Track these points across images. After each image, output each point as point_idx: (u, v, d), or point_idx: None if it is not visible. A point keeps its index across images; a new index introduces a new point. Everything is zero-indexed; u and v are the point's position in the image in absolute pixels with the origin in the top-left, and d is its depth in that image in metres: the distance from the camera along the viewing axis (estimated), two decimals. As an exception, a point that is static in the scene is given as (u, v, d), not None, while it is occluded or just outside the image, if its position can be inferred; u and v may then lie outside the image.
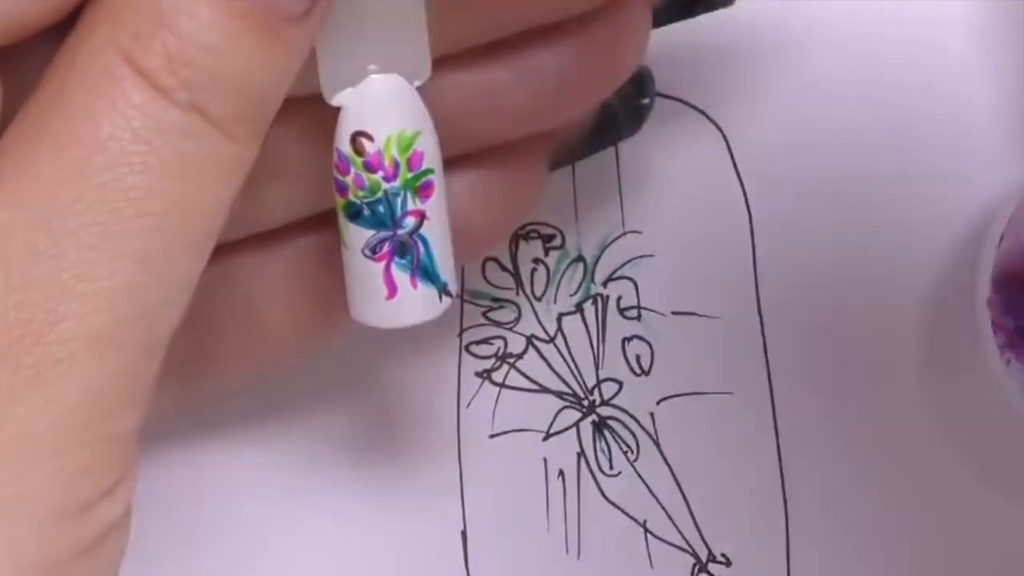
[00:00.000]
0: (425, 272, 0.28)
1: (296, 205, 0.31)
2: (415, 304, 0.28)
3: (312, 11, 0.26)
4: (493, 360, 0.38)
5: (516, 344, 0.38)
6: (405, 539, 0.37)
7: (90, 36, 0.25)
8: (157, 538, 0.36)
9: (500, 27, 0.30)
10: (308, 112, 0.28)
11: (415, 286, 0.28)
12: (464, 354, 0.38)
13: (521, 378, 0.38)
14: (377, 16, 0.28)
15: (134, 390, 0.25)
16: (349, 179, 0.28)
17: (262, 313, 0.32)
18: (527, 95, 0.31)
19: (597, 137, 0.35)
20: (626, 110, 0.35)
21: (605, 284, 0.38)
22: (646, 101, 0.35)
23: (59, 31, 0.26)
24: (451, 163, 0.30)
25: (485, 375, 0.38)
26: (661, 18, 0.33)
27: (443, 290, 0.29)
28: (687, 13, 0.35)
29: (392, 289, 0.28)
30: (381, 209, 0.28)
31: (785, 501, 0.37)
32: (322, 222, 0.31)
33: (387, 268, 0.28)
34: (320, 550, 0.37)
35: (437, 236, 0.28)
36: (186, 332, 0.31)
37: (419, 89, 0.28)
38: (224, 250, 0.31)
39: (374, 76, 0.28)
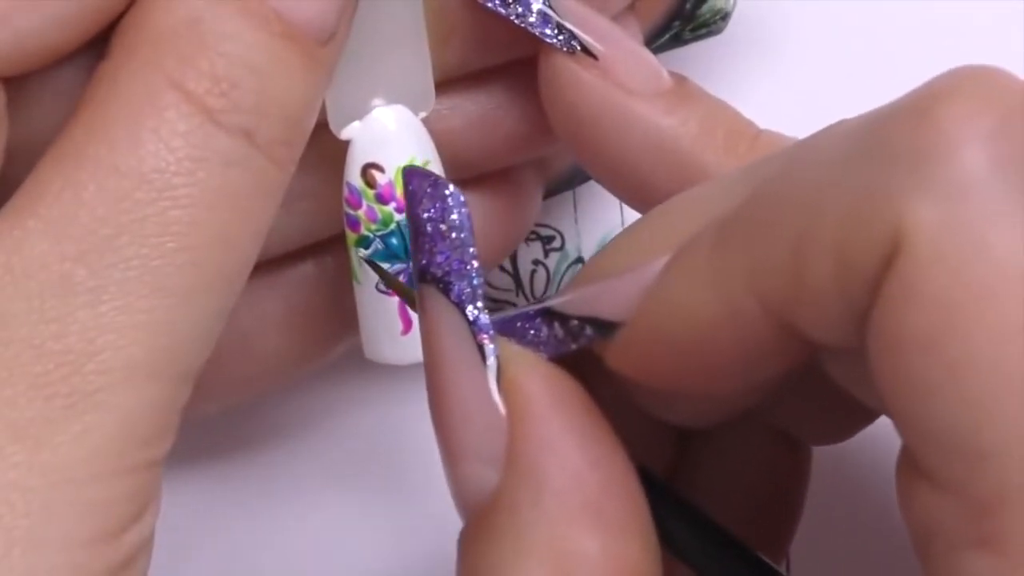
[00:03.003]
0: None
1: (295, 234, 0.31)
2: None
3: (338, 34, 0.26)
4: (493, 361, 0.38)
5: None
6: (404, 539, 0.37)
7: (129, 60, 0.25)
8: (161, 539, 0.36)
9: (493, 56, 0.30)
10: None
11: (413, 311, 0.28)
12: (464, 355, 0.38)
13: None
14: (381, 49, 0.28)
15: (167, 419, 0.26)
16: (361, 212, 0.28)
17: (257, 342, 0.32)
18: (521, 119, 0.30)
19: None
20: None
21: (605, 285, 0.38)
22: None
23: (74, 62, 0.26)
24: None
25: (485, 376, 0.38)
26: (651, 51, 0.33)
27: None
28: (677, 42, 0.35)
29: (407, 324, 0.28)
30: (395, 241, 0.28)
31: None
32: (319, 250, 0.31)
33: (402, 302, 0.28)
34: (319, 550, 0.37)
35: None
36: None
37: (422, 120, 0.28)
38: None
39: (381, 108, 0.28)
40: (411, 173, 0.24)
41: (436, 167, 0.28)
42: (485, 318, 0.24)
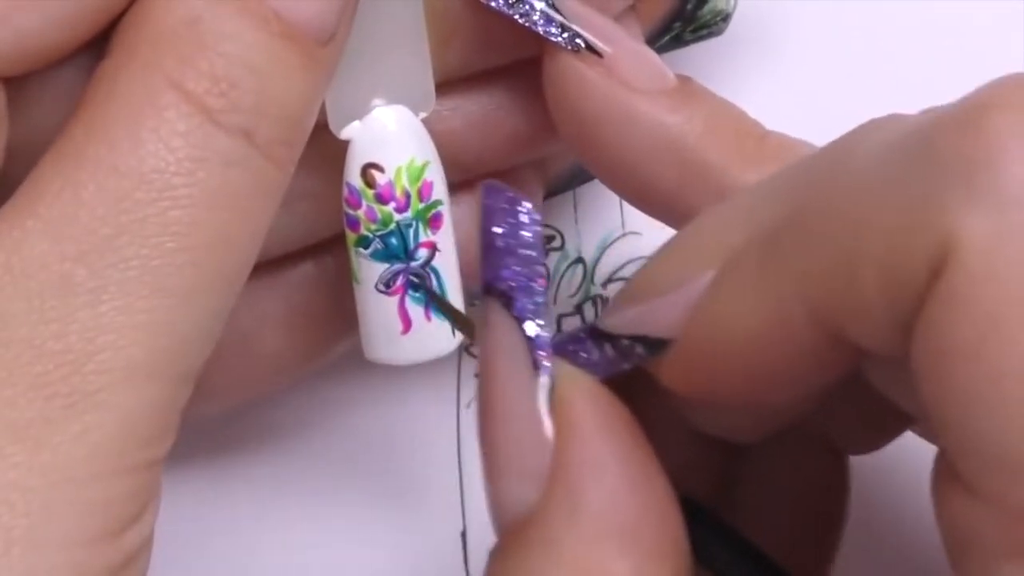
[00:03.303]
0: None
1: (295, 234, 0.31)
2: (430, 338, 0.28)
3: (338, 33, 0.26)
4: (492, 361, 0.38)
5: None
6: (405, 540, 0.37)
7: (129, 60, 0.25)
8: (160, 539, 0.36)
9: (494, 57, 0.30)
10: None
11: (429, 319, 0.28)
12: (464, 355, 0.38)
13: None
14: (381, 49, 0.28)
15: (167, 419, 0.26)
16: (361, 212, 0.28)
17: (257, 342, 0.32)
18: (521, 120, 0.30)
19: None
20: None
21: (605, 285, 0.38)
22: None
23: (73, 61, 0.26)
24: (449, 189, 0.30)
25: (485, 376, 0.38)
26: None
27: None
28: (678, 43, 0.35)
29: (407, 323, 0.28)
30: (394, 241, 0.28)
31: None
32: (318, 250, 0.31)
33: (401, 302, 0.28)
34: (320, 551, 0.37)
35: (447, 268, 0.28)
36: None
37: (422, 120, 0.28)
38: None
39: (381, 108, 0.28)
40: (488, 188, 0.24)
41: (436, 168, 0.28)
42: (545, 336, 0.24)
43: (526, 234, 0.24)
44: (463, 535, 0.37)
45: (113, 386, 0.24)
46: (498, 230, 0.24)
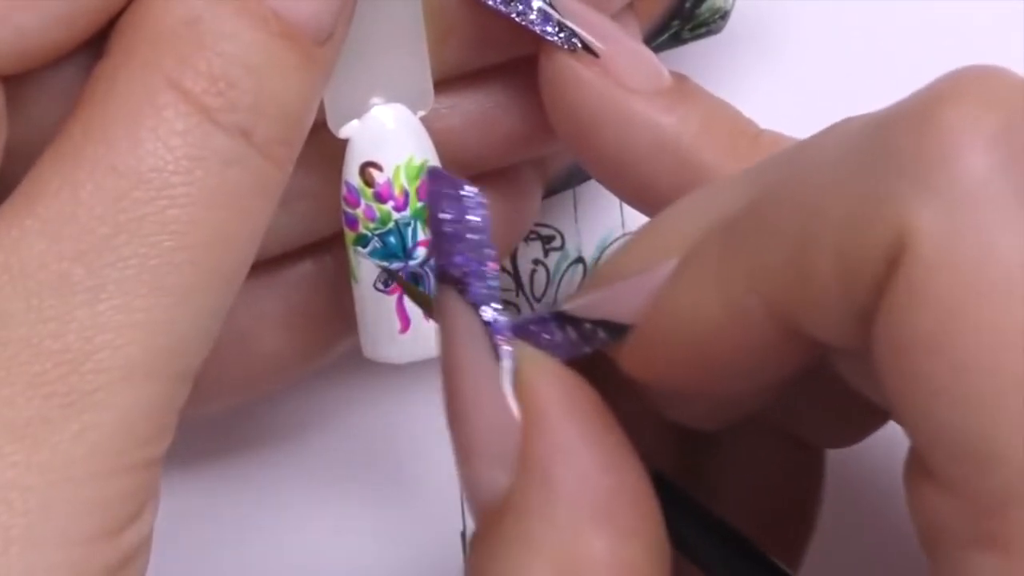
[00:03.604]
0: None
1: (294, 234, 0.31)
2: (429, 337, 0.28)
3: (336, 33, 0.26)
4: (492, 361, 0.38)
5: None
6: (404, 540, 0.37)
7: (128, 59, 0.25)
8: (160, 539, 0.36)
9: (492, 55, 0.30)
10: (306, 140, 0.28)
11: (428, 318, 0.28)
12: (463, 355, 0.38)
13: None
14: (380, 48, 0.28)
15: (165, 418, 0.26)
16: (359, 211, 0.28)
17: (256, 342, 0.32)
18: (520, 119, 0.30)
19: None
20: None
21: (605, 285, 0.38)
22: None
23: (72, 60, 0.26)
24: None
25: (484, 376, 0.38)
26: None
27: None
28: (676, 42, 0.35)
29: (405, 322, 0.28)
30: (392, 240, 0.28)
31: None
32: (318, 249, 0.31)
33: (400, 300, 0.28)
34: (319, 550, 0.37)
35: None
36: None
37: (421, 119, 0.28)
38: None
39: (379, 107, 0.28)
40: (433, 175, 0.24)
41: (435, 165, 0.28)
42: (502, 320, 0.24)
43: (473, 218, 0.24)
44: (463, 535, 0.37)
45: (111, 385, 0.24)
46: (445, 216, 0.24)
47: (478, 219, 0.24)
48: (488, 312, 0.24)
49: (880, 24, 0.38)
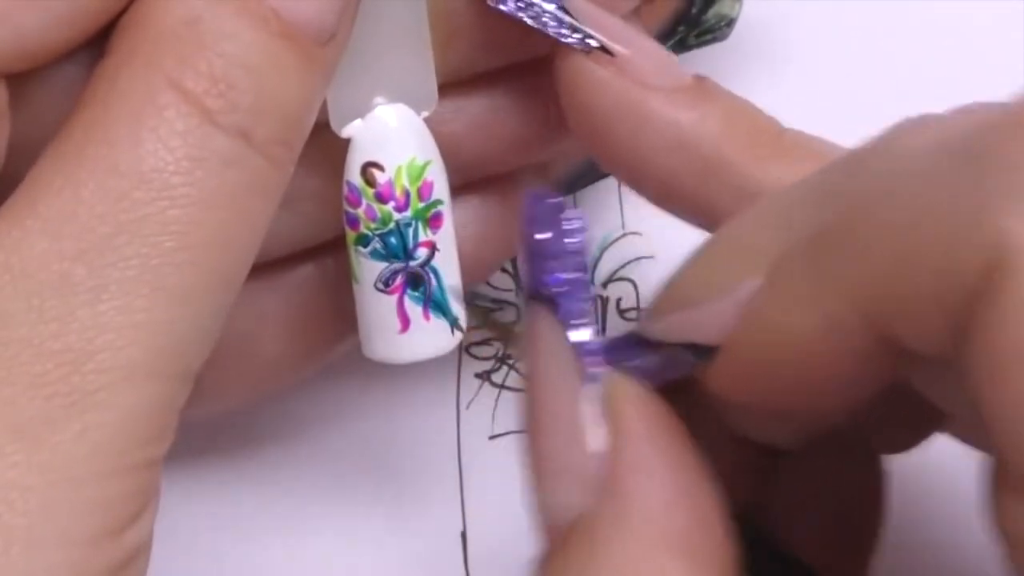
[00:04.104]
0: (437, 305, 0.28)
1: (296, 235, 0.31)
2: (428, 337, 0.28)
3: (338, 34, 0.26)
4: (493, 361, 0.38)
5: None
6: (404, 540, 0.37)
7: (131, 59, 0.25)
8: (161, 539, 0.36)
9: (497, 58, 0.30)
10: (309, 141, 0.28)
11: (427, 318, 0.28)
12: (464, 355, 0.38)
13: (521, 379, 0.38)
14: (384, 48, 0.28)
15: (166, 419, 0.26)
16: (360, 211, 0.28)
17: (260, 343, 0.32)
18: (524, 123, 0.30)
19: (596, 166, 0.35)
20: None
21: (605, 285, 0.38)
22: None
23: (74, 59, 0.26)
24: (452, 191, 0.30)
25: (485, 376, 0.38)
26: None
27: (454, 324, 0.29)
28: (682, 48, 0.35)
29: (405, 322, 0.28)
30: (393, 240, 0.28)
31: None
32: (320, 252, 0.31)
33: (400, 301, 0.28)
34: (320, 551, 0.37)
35: (447, 268, 0.28)
36: None
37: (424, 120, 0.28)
38: None
39: (382, 107, 0.28)
40: (532, 197, 0.24)
41: (438, 168, 0.28)
42: (595, 343, 0.24)
43: (572, 240, 0.24)
44: (463, 535, 0.37)
45: (113, 385, 0.24)
46: (542, 236, 0.24)
47: (577, 240, 0.24)
48: (581, 334, 0.24)
49: (882, 27, 0.38)
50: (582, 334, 0.24)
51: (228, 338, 0.31)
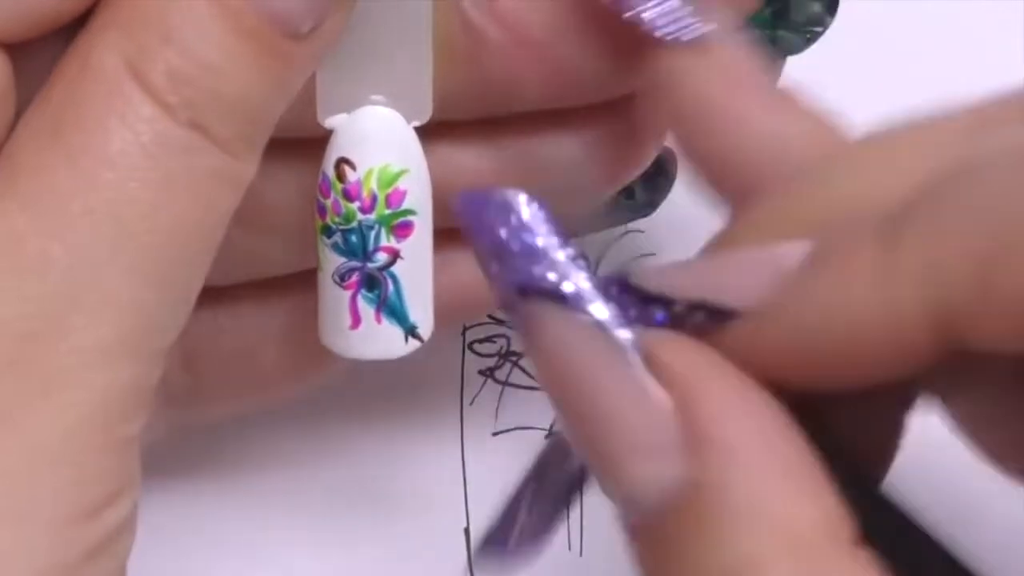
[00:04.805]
0: (392, 310, 0.28)
1: (298, 257, 0.31)
2: (377, 339, 0.28)
3: (318, 31, 0.26)
4: (496, 358, 0.38)
5: (519, 342, 0.38)
6: (408, 536, 0.37)
7: (101, 39, 0.25)
8: (161, 538, 0.36)
9: (504, 99, 0.29)
10: (314, 160, 0.28)
11: (379, 321, 0.28)
12: (467, 352, 0.38)
13: (524, 376, 0.38)
14: (383, 50, 0.27)
15: (139, 398, 0.26)
16: (328, 202, 0.28)
17: (261, 357, 0.33)
18: (521, 183, 0.30)
19: (608, 214, 0.35)
20: (643, 186, 0.34)
21: (607, 285, 0.38)
22: (665, 180, 0.34)
23: (75, 28, 0.26)
24: (450, 233, 0.29)
25: (488, 373, 0.38)
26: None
27: (410, 331, 0.28)
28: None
29: (356, 320, 0.28)
30: (353, 239, 0.28)
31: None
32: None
33: (353, 298, 0.28)
34: (323, 547, 0.37)
35: (411, 278, 0.28)
36: (186, 367, 0.31)
37: (417, 130, 0.28)
38: (228, 293, 0.32)
39: (369, 107, 0.28)
40: (465, 200, 0.23)
41: (417, 179, 0.28)
42: (611, 313, 0.22)
43: (529, 220, 0.22)
44: (466, 531, 0.37)
45: (86, 365, 0.25)
46: (503, 233, 0.22)
47: (534, 218, 0.22)
48: (599, 309, 0.22)
49: (882, 26, 0.38)
50: (600, 309, 0.22)
51: (231, 350, 0.32)
